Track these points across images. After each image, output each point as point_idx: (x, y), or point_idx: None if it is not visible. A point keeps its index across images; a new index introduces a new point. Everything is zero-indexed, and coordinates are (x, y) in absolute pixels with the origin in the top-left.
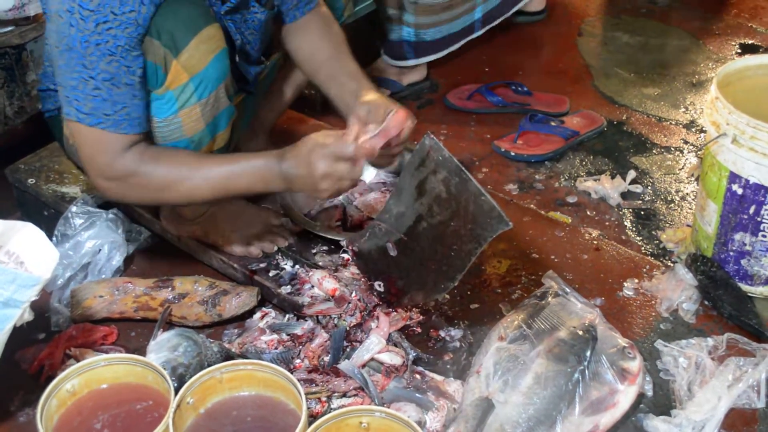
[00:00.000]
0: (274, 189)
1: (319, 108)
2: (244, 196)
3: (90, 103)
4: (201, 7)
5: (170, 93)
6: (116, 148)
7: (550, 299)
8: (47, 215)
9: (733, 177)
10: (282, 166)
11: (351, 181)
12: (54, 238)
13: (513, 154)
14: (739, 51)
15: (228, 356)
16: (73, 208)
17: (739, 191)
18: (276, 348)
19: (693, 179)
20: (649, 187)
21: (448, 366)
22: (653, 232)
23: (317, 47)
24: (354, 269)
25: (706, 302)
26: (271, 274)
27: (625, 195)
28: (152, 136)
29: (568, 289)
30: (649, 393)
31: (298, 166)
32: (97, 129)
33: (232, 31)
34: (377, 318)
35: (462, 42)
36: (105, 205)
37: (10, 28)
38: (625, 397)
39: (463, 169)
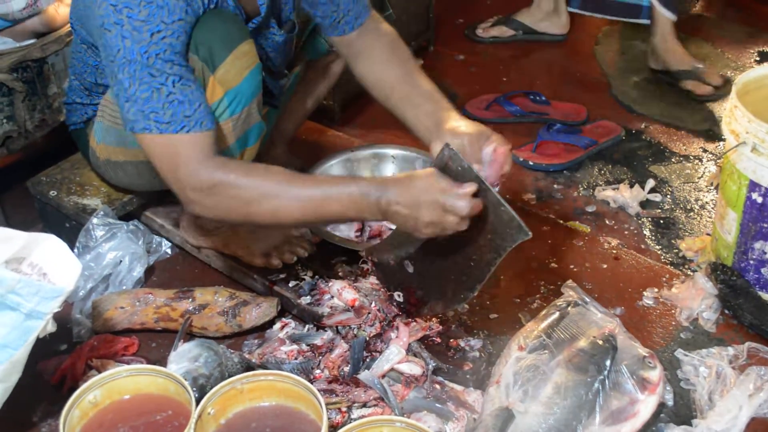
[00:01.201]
0: (368, 218)
1: (338, 119)
2: (329, 223)
3: (168, 110)
4: (237, 23)
5: None
6: (198, 153)
7: (569, 309)
8: (69, 227)
9: (753, 185)
10: (382, 197)
11: (457, 228)
12: (75, 250)
13: (531, 163)
14: (757, 59)
15: (248, 367)
16: (94, 220)
17: (759, 200)
18: (296, 358)
19: (712, 188)
20: (668, 196)
21: (468, 376)
22: (673, 241)
23: (385, 70)
24: (373, 279)
25: (727, 311)
26: (290, 285)
27: (644, 204)
28: None
29: (587, 299)
30: (670, 403)
31: (403, 203)
32: (179, 135)
33: (256, 49)
34: (397, 328)
35: (623, 18)
36: (126, 216)
37: (31, 41)
38: (646, 406)
39: (483, 179)
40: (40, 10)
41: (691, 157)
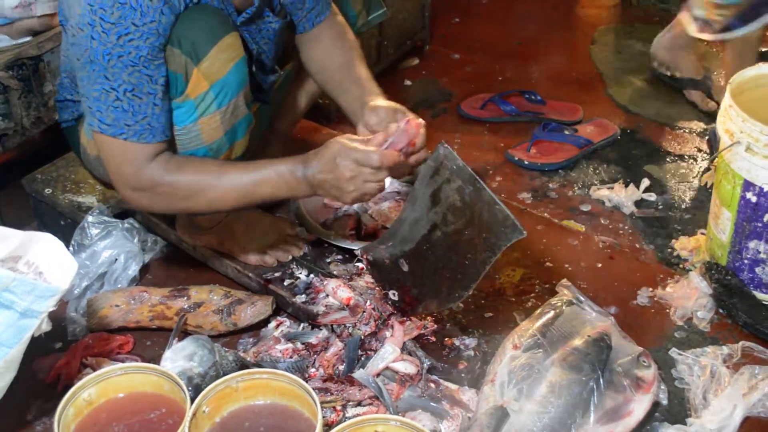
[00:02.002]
0: (299, 194)
1: (333, 117)
2: (265, 204)
3: (111, 114)
4: (220, 16)
5: (190, 101)
6: (141, 158)
7: (564, 308)
8: (64, 225)
9: (747, 185)
10: (307, 170)
11: (377, 184)
12: (71, 248)
13: (527, 162)
14: None
15: (243, 365)
16: (90, 218)
17: (753, 199)
18: (291, 357)
19: (707, 187)
20: (663, 196)
21: (463, 375)
22: (667, 241)
23: (328, 57)
24: (368, 278)
25: (721, 310)
26: (285, 283)
27: (638, 203)
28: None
29: (582, 298)
30: (664, 401)
31: (324, 170)
32: (119, 139)
33: (248, 41)
34: (392, 327)
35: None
36: (121, 214)
37: (27, 39)
38: (640, 405)
39: (477, 178)
40: (34, 15)
41: (686, 157)
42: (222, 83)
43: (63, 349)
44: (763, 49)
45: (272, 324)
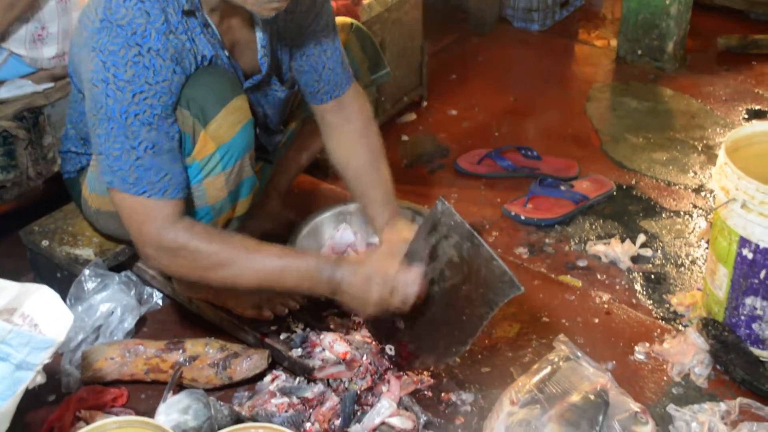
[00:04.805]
0: (318, 292)
1: (331, 173)
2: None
3: (134, 173)
4: (229, 78)
5: (196, 163)
6: (164, 216)
7: (561, 363)
8: (60, 277)
9: (743, 242)
10: (335, 275)
11: (399, 305)
12: (67, 301)
13: (523, 217)
14: (746, 116)
15: (238, 419)
16: (86, 271)
17: (750, 255)
18: (286, 411)
19: (703, 243)
20: (659, 251)
21: (460, 430)
22: (664, 296)
23: (352, 153)
24: (365, 332)
25: (718, 366)
26: (281, 337)
27: (635, 259)
28: None
29: (579, 353)
30: None
31: (354, 284)
32: (142, 198)
33: (254, 105)
34: (388, 381)
35: None
36: (117, 267)
37: (50, 85)
38: None
39: (475, 233)
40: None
41: (682, 213)
42: (228, 146)
43: (56, 402)
44: (756, 107)
45: (268, 378)
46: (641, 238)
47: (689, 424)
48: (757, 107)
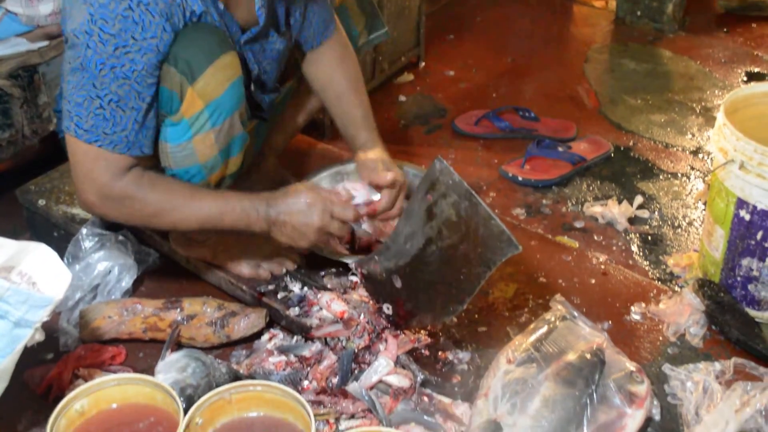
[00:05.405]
0: (256, 230)
1: (328, 133)
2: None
3: (91, 120)
4: (219, 35)
5: (185, 120)
6: (113, 168)
7: (557, 323)
8: (57, 236)
9: (741, 203)
10: (269, 211)
11: (339, 233)
12: (65, 260)
13: (520, 179)
14: (744, 79)
15: (236, 377)
16: (84, 230)
17: (747, 217)
18: (284, 369)
19: (700, 205)
20: (656, 213)
21: (456, 388)
22: (660, 257)
23: (333, 78)
24: (362, 292)
25: (714, 327)
26: (279, 296)
27: (632, 220)
28: (163, 160)
29: (575, 313)
30: (657, 417)
31: (290, 212)
32: (94, 146)
33: (250, 61)
34: (385, 340)
35: None
36: (114, 226)
37: (44, 43)
38: (633, 420)
39: (473, 193)
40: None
41: (679, 175)
42: (217, 103)
43: (55, 360)
44: (755, 69)
45: (265, 336)
46: (638, 199)
47: (684, 383)
48: (756, 69)
